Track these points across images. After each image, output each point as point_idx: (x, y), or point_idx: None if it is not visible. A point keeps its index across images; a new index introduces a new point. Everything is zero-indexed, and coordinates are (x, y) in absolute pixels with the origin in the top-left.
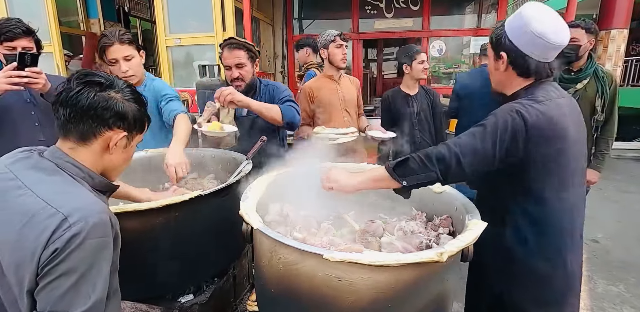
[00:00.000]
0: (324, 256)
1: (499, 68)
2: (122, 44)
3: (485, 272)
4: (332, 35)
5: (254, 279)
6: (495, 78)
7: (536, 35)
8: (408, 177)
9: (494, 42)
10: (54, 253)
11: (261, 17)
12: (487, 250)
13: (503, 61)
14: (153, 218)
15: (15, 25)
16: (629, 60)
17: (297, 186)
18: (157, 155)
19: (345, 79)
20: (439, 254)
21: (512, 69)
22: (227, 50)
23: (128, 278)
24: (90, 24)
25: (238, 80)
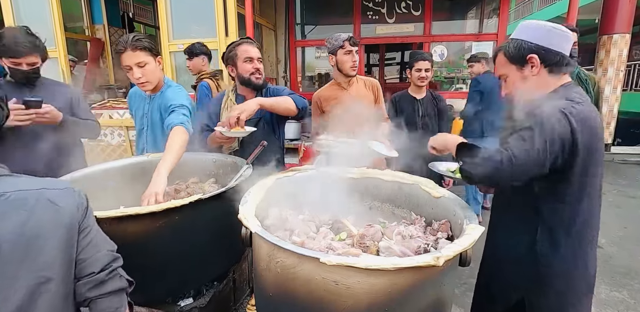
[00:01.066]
0: (321, 259)
1: (529, 74)
2: (134, 50)
3: (504, 274)
4: (340, 41)
5: (253, 283)
6: (526, 87)
7: (553, 28)
8: (466, 161)
9: (515, 52)
10: (86, 211)
11: (264, 22)
12: (508, 252)
13: (534, 63)
14: (154, 222)
15: (22, 43)
16: (632, 64)
17: (297, 190)
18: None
19: (358, 83)
20: (436, 258)
21: (543, 68)
22: (249, 45)
23: None
24: (95, 30)
25: (258, 73)
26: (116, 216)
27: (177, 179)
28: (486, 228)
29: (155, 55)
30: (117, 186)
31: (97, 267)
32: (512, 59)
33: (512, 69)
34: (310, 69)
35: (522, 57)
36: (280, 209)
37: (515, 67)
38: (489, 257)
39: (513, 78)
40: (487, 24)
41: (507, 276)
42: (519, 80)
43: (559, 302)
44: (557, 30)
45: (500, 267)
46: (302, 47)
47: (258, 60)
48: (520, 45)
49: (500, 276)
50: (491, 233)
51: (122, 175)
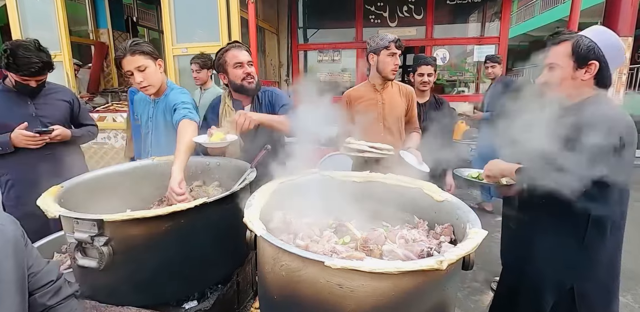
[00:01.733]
0: (326, 263)
1: (579, 77)
2: (133, 55)
3: (551, 271)
4: (386, 41)
5: (257, 286)
6: (567, 86)
7: (622, 48)
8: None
9: (584, 51)
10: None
11: (266, 26)
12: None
13: (591, 71)
14: (160, 225)
15: (35, 63)
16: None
17: (300, 194)
18: (164, 163)
19: (392, 88)
20: (439, 262)
21: (593, 78)
22: (237, 50)
23: (134, 284)
24: (100, 34)
25: (250, 77)
26: (123, 220)
27: None
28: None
29: (155, 58)
30: (123, 190)
31: (54, 276)
32: (577, 55)
33: (569, 64)
34: (313, 73)
35: (586, 59)
36: (284, 213)
37: (572, 64)
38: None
39: (564, 73)
40: (488, 28)
41: (552, 272)
42: (567, 77)
43: (603, 287)
44: (622, 52)
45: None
46: (304, 50)
47: (248, 64)
48: (592, 47)
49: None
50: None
51: (128, 178)
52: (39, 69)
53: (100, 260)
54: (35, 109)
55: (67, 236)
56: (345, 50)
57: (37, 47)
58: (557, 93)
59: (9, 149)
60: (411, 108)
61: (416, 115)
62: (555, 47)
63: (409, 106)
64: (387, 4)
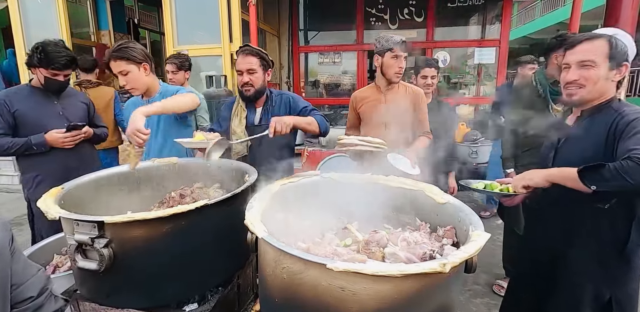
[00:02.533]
0: (328, 265)
1: (611, 77)
2: (115, 60)
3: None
4: (390, 43)
5: (258, 289)
6: (602, 87)
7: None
8: (600, 183)
9: (621, 53)
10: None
11: (267, 28)
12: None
13: (622, 72)
14: (160, 227)
15: (65, 57)
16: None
17: (302, 196)
18: (165, 165)
19: (399, 90)
20: (442, 265)
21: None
22: (241, 56)
23: (134, 287)
24: (101, 36)
25: (247, 86)
26: (124, 221)
27: (181, 184)
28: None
29: (139, 63)
30: (124, 191)
31: (34, 291)
32: (613, 55)
33: (604, 64)
34: (313, 75)
35: (621, 60)
36: (286, 215)
37: (608, 64)
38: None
39: (600, 72)
40: (489, 30)
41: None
42: (603, 77)
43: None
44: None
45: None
46: (305, 52)
47: (248, 72)
48: (625, 50)
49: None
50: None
51: (128, 180)
52: (67, 62)
53: (100, 262)
54: (62, 109)
55: (67, 237)
56: (346, 53)
57: (63, 45)
58: (586, 93)
59: (44, 149)
60: (419, 110)
61: (426, 119)
62: (587, 43)
63: (415, 108)
64: (387, 6)
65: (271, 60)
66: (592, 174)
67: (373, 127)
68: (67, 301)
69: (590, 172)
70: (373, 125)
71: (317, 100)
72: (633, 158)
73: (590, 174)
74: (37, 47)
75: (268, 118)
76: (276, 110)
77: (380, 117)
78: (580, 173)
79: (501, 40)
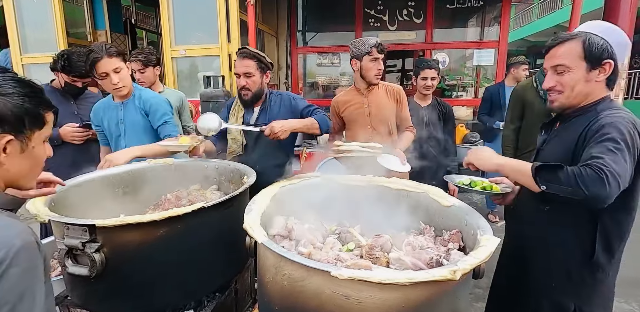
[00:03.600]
0: (332, 273)
1: (593, 78)
2: (110, 57)
3: (545, 288)
4: (367, 46)
5: (256, 294)
6: (581, 90)
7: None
8: (551, 185)
9: (597, 51)
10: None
11: (266, 29)
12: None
13: (606, 71)
14: (155, 230)
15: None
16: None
17: (302, 198)
18: (159, 166)
19: (379, 90)
20: (452, 272)
21: (606, 79)
22: (238, 59)
23: (128, 293)
24: (98, 36)
25: (245, 90)
26: (116, 225)
27: (178, 186)
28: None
29: (125, 61)
30: (117, 193)
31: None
32: (589, 55)
33: (580, 66)
34: (312, 76)
35: (600, 59)
36: (286, 218)
37: (585, 65)
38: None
39: (576, 76)
40: (488, 32)
41: (551, 291)
42: (580, 80)
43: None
44: (629, 47)
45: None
46: (303, 53)
47: (245, 75)
48: (605, 45)
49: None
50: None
51: (122, 182)
52: (86, 71)
53: (91, 268)
54: (77, 108)
55: (57, 241)
56: (345, 54)
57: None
58: (564, 99)
59: (56, 142)
60: (401, 107)
61: (408, 115)
62: (559, 47)
63: (399, 105)
64: (386, 7)
65: (270, 62)
66: (547, 173)
67: (359, 130)
68: None
69: (546, 171)
70: (359, 128)
71: (315, 101)
72: (593, 167)
73: (545, 173)
74: (62, 54)
75: (265, 117)
76: (274, 110)
77: (366, 120)
78: (535, 170)
79: (500, 42)
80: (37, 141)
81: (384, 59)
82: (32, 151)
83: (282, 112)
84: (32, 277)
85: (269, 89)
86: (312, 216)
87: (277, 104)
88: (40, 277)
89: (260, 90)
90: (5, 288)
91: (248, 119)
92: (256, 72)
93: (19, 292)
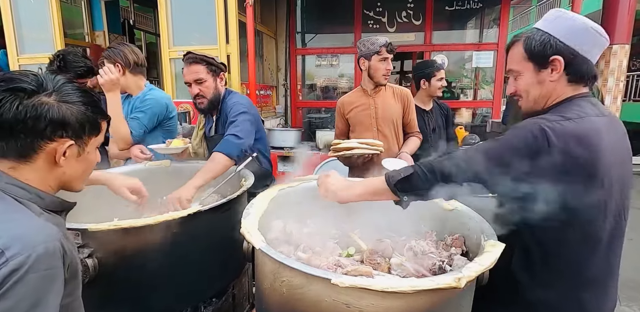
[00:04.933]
0: (332, 280)
1: (546, 78)
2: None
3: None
4: (377, 46)
5: (253, 299)
6: (537, 93)
7: (591, 27)
8: (410, 193)
9: (539, 48)
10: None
11: (264, 30)
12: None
13: (556, 67)
14: (150, 235)
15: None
16: (631, 75)
17: (301, 201)
18: (156, 168)
19: (386, 92)
20: (457, 279)
21: (565, 75)
22: (185, 66)
23: (122, 299)
24: (95, 36)
25: (200, 97)
26: (110, 229)
27: (175, 189)
28: None
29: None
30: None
31: None
32: (532, 55)
33: (528, 68)
34: (310, 78)
35: (545, 56)
36: (284, 222)
37: (532, 67)
38: None
39: (526, 79)
40: (486, 34)
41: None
42: (532, 83)
43: None
44: (594, 32)
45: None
46: (302, 55)
47: (196, 82)
48: (546, 41)
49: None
50: None
51: None
52: (83, 72)
53: (84, 273)
54: None
55: None
56: (344, 56)
57: (84, 55)
58: (524, 103)
59: None
60: (408, 111)
61: (415, 119)
62: (510, 51)
63: (405, 109)
64: (385, 9)
65: (221, 62)
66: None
67: (364, 132)
68: None
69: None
70: (364, 130)
71: (313, 103)
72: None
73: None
74: (58, 54)
75: (221, 128)
76: (223, 121)
77: (372, 121)
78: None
79: (499, 44)
80: (91, 147)
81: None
82: (86, 156)
83: (226, 122)
84: (49, 286)
85: (228, 89)
86: (311, 219)
87: (226, 112)
88: (58, 287)
89: (216, 96)
90: (21, 293)
91: (207, 129)
92: (207, 76)
93: (33, 300)
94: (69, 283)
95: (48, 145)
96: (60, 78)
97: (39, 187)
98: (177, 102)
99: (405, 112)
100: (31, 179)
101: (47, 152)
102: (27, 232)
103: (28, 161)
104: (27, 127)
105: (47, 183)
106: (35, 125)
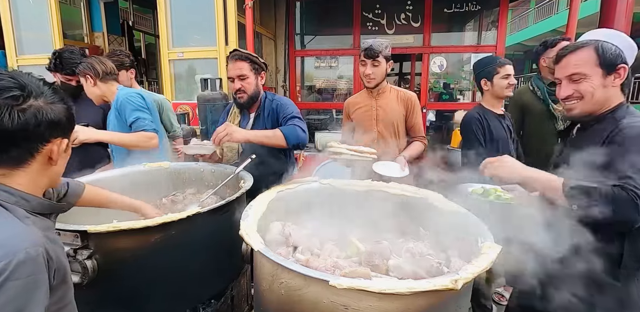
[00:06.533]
0: (330, 282)
1: (610, 84)
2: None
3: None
4: (361, 49)
5: (252, 300)
6: (603, 95)
7: (632, 48)
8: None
9: (610, 56)
10: None
11: (263, 32)
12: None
13: (621, 75)
14: (149, 237)
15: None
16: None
17: (299, 203)
18: (155, 169)
19: (390, 94)
20: (454, 281)
21: (621, 84)
22: (230, 62)
23: (121, 301)
24: (95, 37)
25: (240, 92)
26: (109, 231)
27: (174, 190)
28: None
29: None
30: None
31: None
32: (604, 62)
33: (596, 73)
34: (309, 79)
35: (614, 65)
36: (283, 224)
37: (601, 72)
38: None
39: (594, 82)
40: (485, 36)
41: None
42: (599, 86)
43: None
44: (636, 49)
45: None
46: (301, 56)
47: (239, 78)
48: (618, 51)
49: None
50: None
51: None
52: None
53: (83, 275)
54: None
55: None
56: (343, 57)
57: (81, 53)
58: (584, 105)
59: None
60: (412, 115)
61: (420, 123)
62: (572, 56)
63: (408, 113)
64: (384, 11)
65: (264, 62)
66: (580, 193)
67: (365, 133)
68: None
69: (578, 191)
70: (365, 130)
71: (313, 105)
72: (627, 189)
73: (577, 193)
74: (54, 52)
75: (259, 125)
76: (265, 117)
77: (372, 123)
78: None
79: (497, 46)
80: (71, 140)
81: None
82: (68, 150)
83: (271, 119)
84: (31, 294)
85: (267, 91)
86: (309, 221)
87: (269, 110)
88: (41, 294)
89: (256, 93)
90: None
91: (243, 125)
92: (250, 73)
93: (14, 308)
94: (57, 289)
95: (45, 148)
96: (34, 78)
97: (29, 190)
98: (176, 103)
99: (408, 115)
100: (24, 183)
101: (43, 154)
102: (7, 238)
103: (23, 166)
104: (29, 134)
105: (39, 184)
106: (36, 131)
